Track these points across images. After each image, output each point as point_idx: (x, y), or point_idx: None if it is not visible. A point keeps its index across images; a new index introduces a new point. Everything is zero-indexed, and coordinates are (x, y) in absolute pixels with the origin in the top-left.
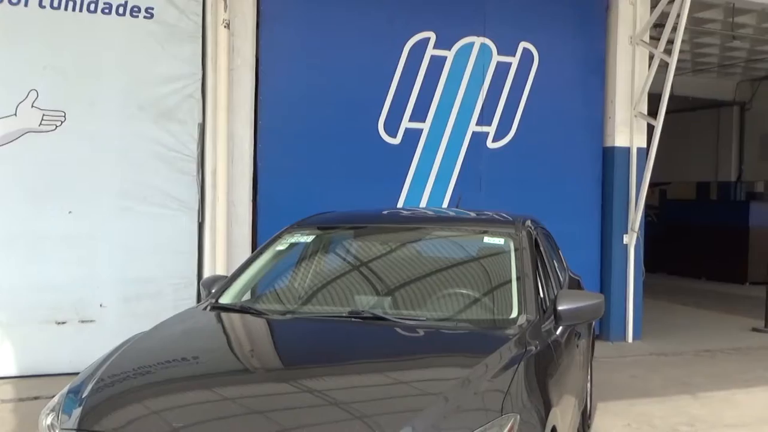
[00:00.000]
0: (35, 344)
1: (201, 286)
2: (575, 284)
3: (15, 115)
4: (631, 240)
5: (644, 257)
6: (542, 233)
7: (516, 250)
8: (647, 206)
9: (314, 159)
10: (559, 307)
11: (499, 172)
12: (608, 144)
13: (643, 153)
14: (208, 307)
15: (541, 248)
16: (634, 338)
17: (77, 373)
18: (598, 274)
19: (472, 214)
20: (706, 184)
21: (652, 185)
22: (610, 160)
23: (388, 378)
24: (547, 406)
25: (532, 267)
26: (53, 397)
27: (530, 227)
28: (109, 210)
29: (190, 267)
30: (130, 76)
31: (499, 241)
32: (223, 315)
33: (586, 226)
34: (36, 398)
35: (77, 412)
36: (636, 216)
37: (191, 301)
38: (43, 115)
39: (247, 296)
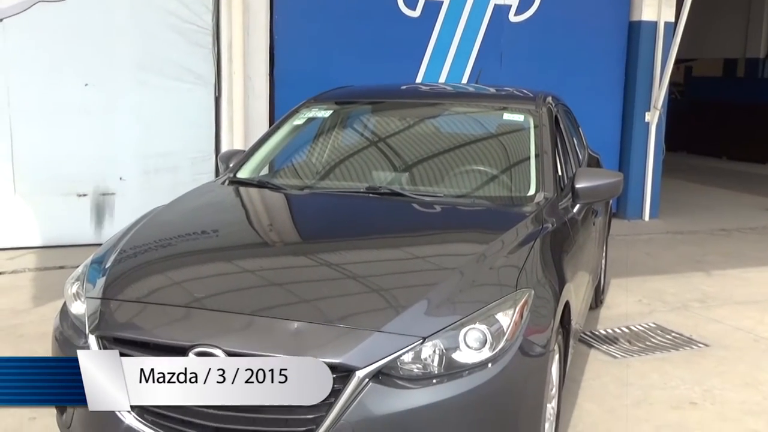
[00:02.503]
0: (58, 215)
1: (219, 161)
2: (594, 162)
3: None
4: (653, 118)
5: (665, 135)
6: (563, 110)
7: (536, 126)
8: (671, 83)
9: (332, 31)
10: (577, 185)
11: (521, 47)
12: (635, 18)
13: (671, 28)
14: (226, 182)
15: (561, 125)
16: (651, 217)
17: (100, 244)
18: (617, 152)
19: (492, 90)
20: (733, 60)
21: (677, 62)
22: (636, 35)
23: (405, 253)
24: (562, 282)
25: (552, 144)
26: (77, 267)
27: (551, 104)
28: (126, 83)
29: (207, 141)
30: None
31: (519, 117)
32: (241, 189)
33: (608, 103)
34: (61, 267)
35: (101, 281)
36: (659, 93)
37: (209, 175)
38: None
39: (264, 171)
